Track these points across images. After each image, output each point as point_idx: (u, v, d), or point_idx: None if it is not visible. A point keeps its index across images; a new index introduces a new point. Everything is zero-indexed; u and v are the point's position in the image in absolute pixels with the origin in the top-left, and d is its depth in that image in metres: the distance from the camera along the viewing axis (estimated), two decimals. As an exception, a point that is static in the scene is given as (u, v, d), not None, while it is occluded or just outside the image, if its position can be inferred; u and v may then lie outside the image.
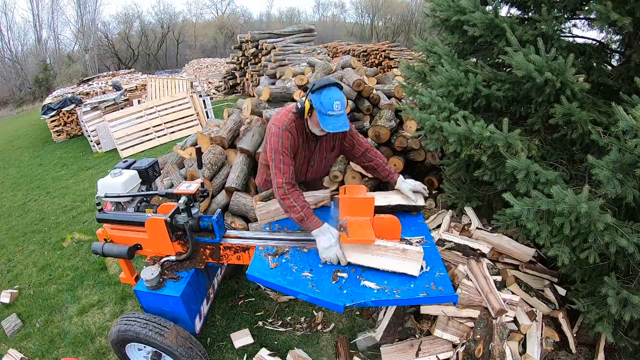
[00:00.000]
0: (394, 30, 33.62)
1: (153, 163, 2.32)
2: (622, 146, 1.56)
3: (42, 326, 2.83)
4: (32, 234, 4.50)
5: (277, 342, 2.38)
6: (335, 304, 1.54)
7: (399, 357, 1.98)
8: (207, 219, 2.02)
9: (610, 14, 1.73)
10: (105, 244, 2.11)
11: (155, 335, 1.85)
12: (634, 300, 1.59)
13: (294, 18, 39.59)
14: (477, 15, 2.16)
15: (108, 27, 30.70)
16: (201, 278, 2.16)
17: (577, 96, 1.89)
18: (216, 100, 11.16)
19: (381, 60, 10.73)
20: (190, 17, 37.12)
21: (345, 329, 2.43)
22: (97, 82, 13.18)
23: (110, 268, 3.43)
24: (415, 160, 3.58)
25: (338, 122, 1.80)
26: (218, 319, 2.60)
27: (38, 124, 11.83)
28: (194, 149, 4.06)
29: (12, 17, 33.96)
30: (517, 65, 1.89)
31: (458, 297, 1.58)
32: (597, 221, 1.52)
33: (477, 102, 2.25)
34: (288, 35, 10.29)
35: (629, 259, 1.67)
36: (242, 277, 2.90)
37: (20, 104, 21.55)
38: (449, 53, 2.44)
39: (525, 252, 2.24)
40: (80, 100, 9.68)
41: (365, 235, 1.75)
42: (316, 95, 1.83)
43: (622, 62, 2.25)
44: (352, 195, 1.87)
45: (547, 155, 2.15)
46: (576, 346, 2.01)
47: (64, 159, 8.01)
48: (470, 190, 2.64)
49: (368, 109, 3.74)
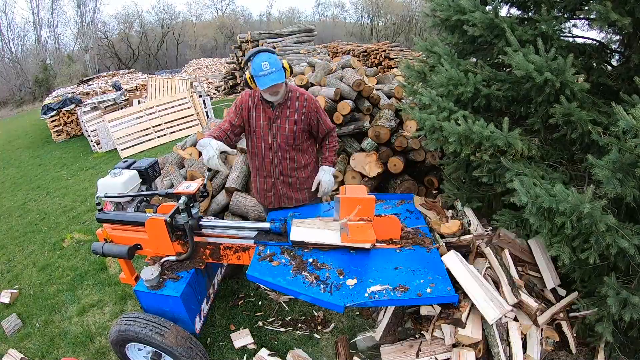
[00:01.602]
0: (394, 30, 33.62)
1: (153, 163, 2.32)
2: (622, 146, 1.56)
3: (42, 326, 2.83)
4: (32, 234, 4.50)
5: (277, 342, 2.38)
6: (335, 304, 1.54)
7: (399, 357, 1.98)
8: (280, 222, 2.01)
9: (610, 14, 1.73)
10: (105, 244, 2.11)
11: (155, 335, 1.85)
12: (634, 300, 1.59)
13: (294, 18, 39.61)
14: (477, 15, 2.15)
15: (108, 27, 30.75)
16: (201, 278, 2.16)
17: (577, 96, 1.89)
18: (216, 100, 11.17)
19: (381, 60, 10.73)
20: (190, 17, 37.20)
21: (345, 329, 2.43)
22: (97, 82, 13.18)
23: (110, 268, 3.43)
24: (415, 160, 3.58)
25: (269, 78, 1.95)
26: (218, 319, 2.60)
27: (38, 124, 11.83)
28: (194, 149, 4.07)
29: (12, 17, 33.98)
30: (516, 65, 1.89)
31: (458, 297, 1.59)
32: (599, 222, 1.52)
33: (477, 102, 2.25)
34: (288, 35, 10.30)
35: (629, 259, 1.67)
36: (242, 277, 2.90)
37: (20, 104, 21.55)
38: (449, 53, 2.44)
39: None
40: (80, 100, 9.68)
41: (366, 236, 1.75)
42: (250, 64, 2.00)
43: (622, 62, 2.25)
44: (352, 195, 1.87)
45: (547, 155, 2.15)
46: (576, 346, 2.01)
47: (64, 159, 8.01)
48: (470, 190, 2.64)
49: (368, 109, 3.73)
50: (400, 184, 3.51)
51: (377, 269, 1.72)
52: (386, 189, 3.68)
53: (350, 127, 3.61)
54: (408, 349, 2.00)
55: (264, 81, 1.96)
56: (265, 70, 1.94)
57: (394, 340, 2.14)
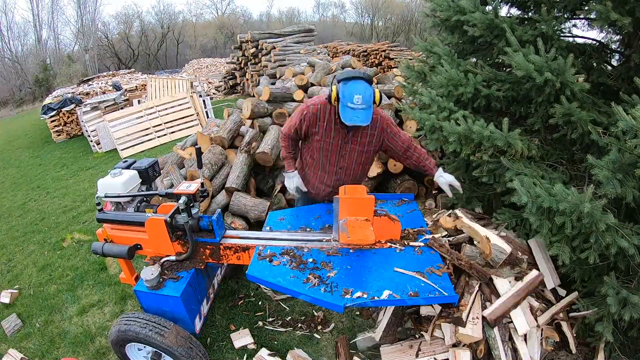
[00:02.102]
0: (394, 30, 33.60)
1: (153, 163, 2.32)
2: (622, 146, 1.56)
3: (42, 326, 2.82)
4: (32, 234, 4.50)
5: (277, 342, 2.38)
6: (335, 304, 1.54)
7: (399, 357, 1.98)
8: (207, 219, 2.02)
9: (610, 14, 1.73)
10: (105, 244, 2.11)
11: (155, 335, 1.85)
12: (634, 300, 1.59)
13: (294, 18, 39.58)
14: (477, 15, 2.16)
15: (108, 27, 30.70)
16: (201, 278, 2.16)
17: (577, 96, 1.89)
18: (216, 100, 11.16)
19: (381, 60, 10.73)
20: (190, 17, 37.13)
21: (345, 329, 2.43)
22: (97, 82, 13.18)
23: (110, 268, 3.43)
24: (415, 160, 3.58)
25: (356, 115, 1.85)
26: (218, 319, 2.60)
27: (38, 124, 11.82)
28: (194, 149, 4.06)
29: (12, 17, 33.91)
30: (517, 65, 1.89)
31: (458, 297, 1.59)
32: (599, 222, 1.52)
33: (477, 102, 2.25)
34: (288, 35, 10.29)
35: (629, 259, 1.67)
36: (242, 277, 2.90)
37: (20, 104, 21.54)
38: (449, 53, 2.44)
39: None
40: (80, 100, 9.68)
41: (365, 236, 1.75)
42: (342, 85, 1.89)
43: (622, 62, 2.26)
44: (352, 195, 1.87)
45: (547, 155, 2.15)
46: (576, 346, 2.00)
47: (64, 159, 8.01)
48: (470, 190, 2.64)
49: (368, 109, 3.73)
50: (400, 184, 3.51)
51: (377, 269, 1.72)
52: (386, 189, 3.68)
53: (350, 127, 3.61)
54: (408, 349, 2.00)
55: (350, 116, 1.85)
56: (357, 104, 1.81)
57: (394, 341, 2.14)
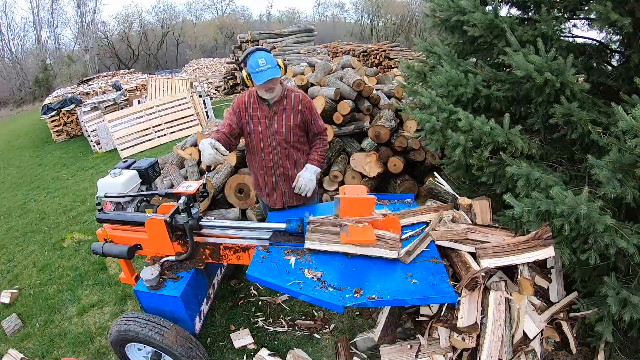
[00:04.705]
0: (394, 30, 33.59)
1: (153, 163, 2.32)
2: (622, 146, 1.56)
3: (42, 326, 2.82)
4: (32, 234, 4.50)
5: (277, 342, 2.38)
6: (335, 304, 1.54)
7: (399, 357, 1.98)
8: (296, 222, 1.93)
9: (610, 14, 1.73)
10: (105, 244, 2.11)
11: (155, 335, 1.85)
12: (634, 300, 1.59)
13: (294, 18, 39.59)
14: (477, 15, 2.16)
15: (108, 27, 30.72)
16: (201, 278, 2.17)
17: (577, 96, 1.89)
18: (216, 100, 11.17)
19: (381, 61, 10.72)
20: (190, 17, 37.13)
21: (345, 329, 2.43)
22: (97, 82, 13.18)
23: (110, 268, 3.43)
24: (415, 160, 3.59)
25: (265, 73, 2.00)
26: (218, 319, 2.60)
27: (38, 124, 11.83)
28: (194, 149, 4.07)
29: (12, 17, 33.94)
30: (517, 65, 1.89)
31: (458, 297, 1.59)
32: (597, 222, 1.52)
33: (477, 102, 2.25)
34: (288, 35, 10.30)
35: (629, 259, 1.67)
36: (242, 277, 2.90)
37: (20, 104, 21.55)
38: (449, 53, 2.44)
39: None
40: (80, 100, 9.68)
41: (366, 236, 1.75)
42: (248, 62, 2.05)
43: (622, 62, 2.26)
44: (352, 195, 1.87)
45: (547, 155, 2.15)
46: (576, 346, 2.00)
47: (64, 159, 8.02)
48: (470, 190, 2.64)
49: (368, 109, 3.74)
50: (400, 184, 3.52)
51: (377, 269, 1.72)
52: (386, 189, 3.68)
53: (350, 127, 3.62)
54: (408, 349, 2.00)
55: (260, 76, 2.01)
56: (262, 66, 2.00)
57: (393, 341, 2.14)
